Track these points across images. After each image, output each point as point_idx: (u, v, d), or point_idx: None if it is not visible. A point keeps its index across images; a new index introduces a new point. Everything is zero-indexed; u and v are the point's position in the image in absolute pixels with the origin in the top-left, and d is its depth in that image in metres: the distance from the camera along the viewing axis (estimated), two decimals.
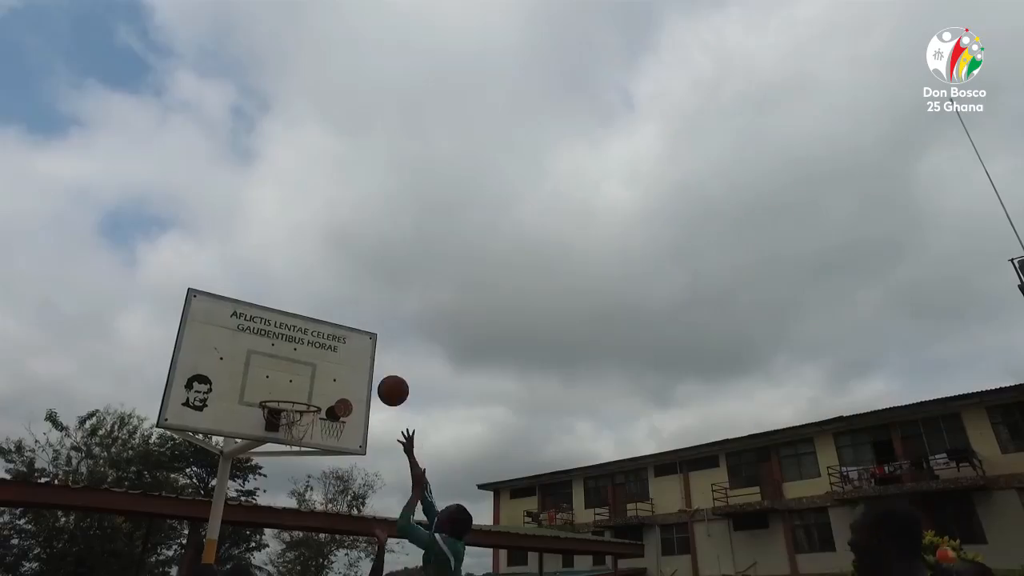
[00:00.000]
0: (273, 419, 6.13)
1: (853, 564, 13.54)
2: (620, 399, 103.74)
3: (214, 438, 7.14)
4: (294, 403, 6.16)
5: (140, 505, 9.35)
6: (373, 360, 7.05)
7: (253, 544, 42.12)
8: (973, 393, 24.87)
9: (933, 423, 26.10)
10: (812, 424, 28.92)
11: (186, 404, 5.97)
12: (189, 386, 6.01)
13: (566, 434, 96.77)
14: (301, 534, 40.20)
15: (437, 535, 3.84)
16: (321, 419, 6.35)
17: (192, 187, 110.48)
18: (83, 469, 31.91)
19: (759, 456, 30.46)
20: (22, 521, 30.63)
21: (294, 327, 6.72)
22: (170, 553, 35.69)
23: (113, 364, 71.45)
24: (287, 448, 6.62)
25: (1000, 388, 24.23)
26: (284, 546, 41.03)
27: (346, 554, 39.31)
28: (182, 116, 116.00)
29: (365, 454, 6.57)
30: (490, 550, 38.33)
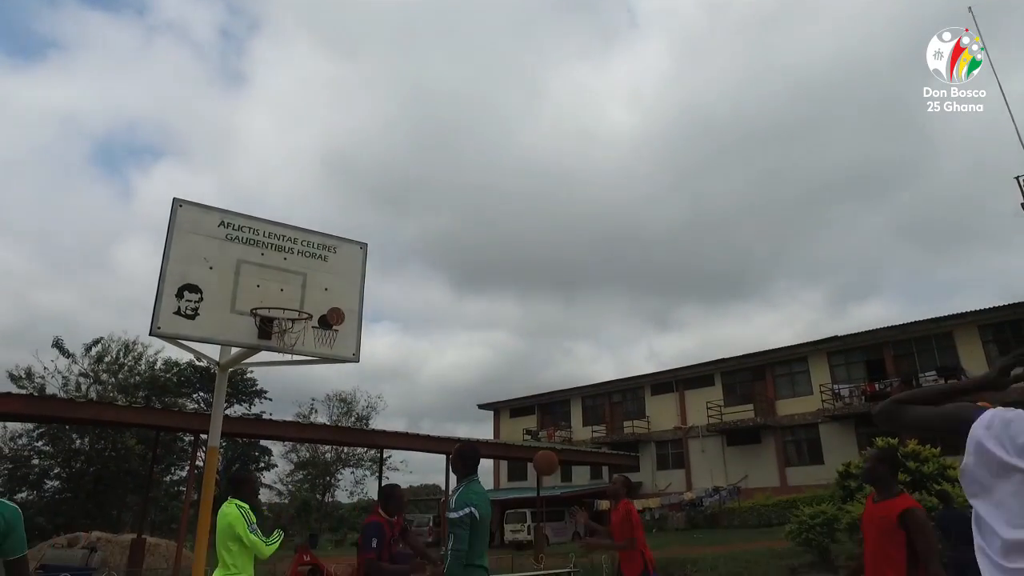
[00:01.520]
0: (266, 327, 6.20)
1: (839, 473, 14.08)
2: (620, 322, 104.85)
3: (210, 352, 7.23)
4: (285, 310, 6.23)
5: (145, 418, 9.58)
6: (364, 269, 7.08)
7: (262, 464, 43.72)
8: (966, 312, 25.16)
9: (925, 342, 26.52)
10: (807, 343, 29.40)
11: (178, 313, 6.01)
12: (180, 295, 6.04)
13: (566, 357, 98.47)
14: (308, 453, 41.60)
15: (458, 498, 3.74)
16: (313, 327, 6.43)
17: (183, 113, 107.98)
18: (92, 394, 32.70)
19: (754, 375, 31.12)
20: (40, 443, 31.74)
21: (283, 236, 6.69)
22: (183, 474, 37.11)
23: (114, 295, 72.00)
24: (282, 357, 6.72)
25: (993, 307, 24.50)
26: (292, 466, 42.52)
27: (352, 472, 40.81)
28: (167, 38, 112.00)
29: (359, 361, 6.69)
30: (491, 472, 39.79)
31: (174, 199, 6.20)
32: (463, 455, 4.02)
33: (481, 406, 42.47)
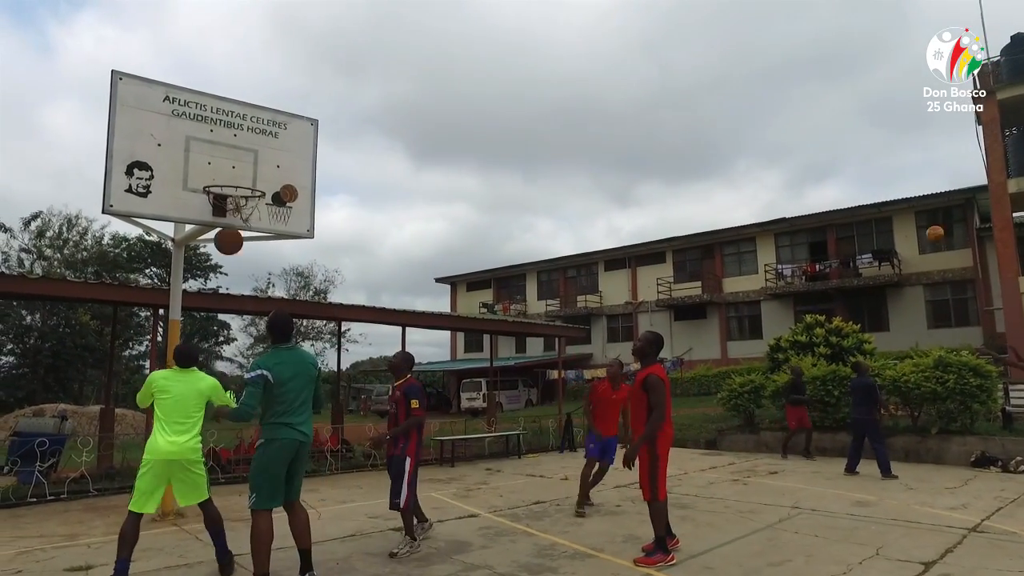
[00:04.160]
0: (219, 204, 6.23)
1: (770, 346, 15.20)
2: (580, 198, 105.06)
3: (164, 228, 7.24)
4: (238, 187, 6.24)
5: (100, 293, 9.55)
6: (316, 146, 7.03)
7: (222, 338, 44.18)
8: (906, 198, 26.27)
9: (866, 226, 27.72)
10: (756, 224, 30.37)
11: (129, 191, 5.97)
12: (130, 173, 5.97)
13: (526, 232, 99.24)
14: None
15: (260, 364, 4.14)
16: (267, 204, 6.48)
17: None
18: (38, 271, 31.97)
19: (704, 253, 32.24)
20: None
21: (232, 112, 6.55)
22: (141, 348, 37.40)
23: (49, 164, 68.17)
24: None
25: (931, 194, 25.59)
26: (252, 340, 43.11)
27: (311, 345, 41.63)
28: None
29: (313, 237, 6.82)
30: (448, 344, 41.20)
31: (113, 72, 5.95)
32: (269, 325, 4.30)
33: (438, 280, 43.16)
